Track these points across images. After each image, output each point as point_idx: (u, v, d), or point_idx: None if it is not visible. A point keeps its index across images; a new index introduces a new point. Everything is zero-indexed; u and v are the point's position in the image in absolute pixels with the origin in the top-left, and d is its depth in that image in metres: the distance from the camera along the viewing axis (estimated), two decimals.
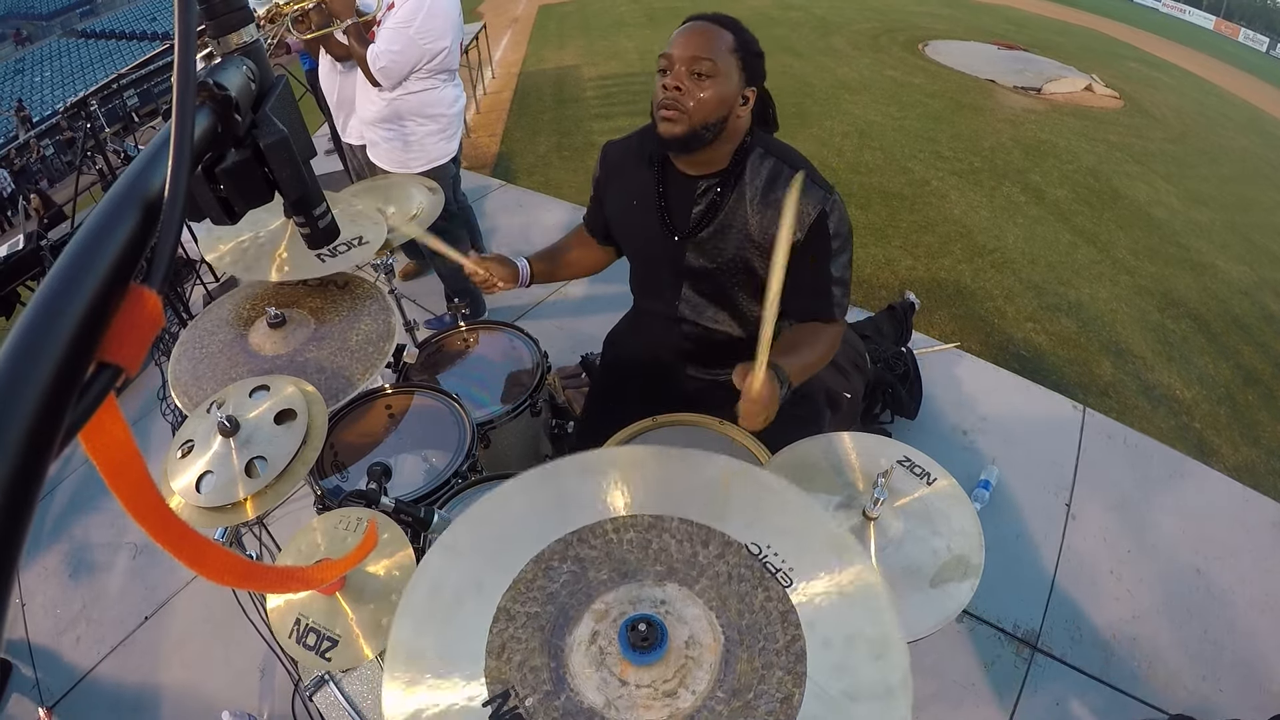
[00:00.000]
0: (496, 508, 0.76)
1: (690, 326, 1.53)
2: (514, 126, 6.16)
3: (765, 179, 1.33)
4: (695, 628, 0.65)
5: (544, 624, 0.66)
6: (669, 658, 0.62)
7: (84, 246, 0.31)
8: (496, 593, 0.68)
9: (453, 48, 2.52)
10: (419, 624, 0.66)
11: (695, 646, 0.63)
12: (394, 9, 2.38)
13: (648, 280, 1.58)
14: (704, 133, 1.26)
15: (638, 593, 0.67)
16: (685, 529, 0.71)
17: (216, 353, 1.51)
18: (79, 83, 22.70)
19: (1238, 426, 3.06)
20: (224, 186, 0.47)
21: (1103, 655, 1.95)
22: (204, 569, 0.42)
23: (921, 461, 1.22)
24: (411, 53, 2.40)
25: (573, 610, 0.67)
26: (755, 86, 1.29)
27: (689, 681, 0.61)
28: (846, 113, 6.53)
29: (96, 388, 0.29)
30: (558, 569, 0.69)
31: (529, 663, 0.63)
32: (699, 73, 1.23)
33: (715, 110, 1.25)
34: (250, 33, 0.53)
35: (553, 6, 12.42)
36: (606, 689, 0.61)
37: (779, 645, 0.63)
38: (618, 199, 1.52)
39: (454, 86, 2.69)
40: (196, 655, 2.08)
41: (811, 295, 1.34)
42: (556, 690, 0.62)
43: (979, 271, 3.93)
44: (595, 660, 0.63)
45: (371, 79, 2.45)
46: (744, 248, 1.36)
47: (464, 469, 1.53)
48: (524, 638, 0.65)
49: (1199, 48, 19.81)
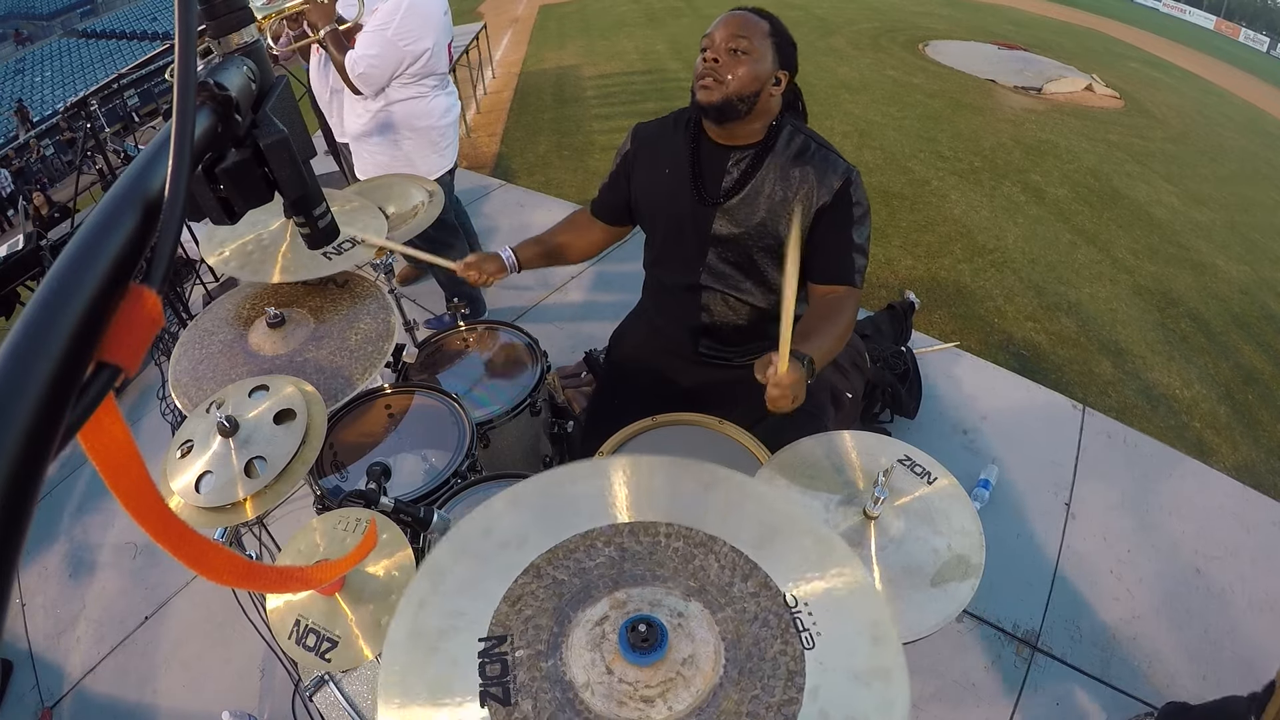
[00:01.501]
0: (575, 478, 0.78)
1: (710, 295, 1.57)
2: (514, 126, 6.16)
3: (795, 151, 1.43)
4: (700, 650, 0.64)
5: (564, 593, 0.67)
6: (660, 666, 0.62)
7: (84, 246, 0.31)
8: (535, 551, 0.70)
9: (436, 50, 2.37)
10: (461, 551, 0.70)
11: (691, 667, 0.63)
12: (376, 12, 2.25)
13: (671, 249, 1.61)
14: (738, 104, 1.37)
15: (661, 598, 0.68)
16: (733, 557, 0.71)
17: (216, 353, 1.51)
18: (79, 83, 22.70)
19: (1238, 426, 3.06)
20: (224, 186, 0.47)
21: (1103, 655, 1.95)
22: (204, 569, 0.42)
23: (922, 461, 1.22)
24: (390, 56, 2.27)
25: (595, 591, 0.68)
26: (788, 71, 1.41)
27: (670, 697, 0.61)
28: (847, 112, 6.53)
29: (96, 387, 0.29)
30: (600, 550, 0.71)
31: (535, 620, 0.65)
32: (736, 49, 1.35)
33: (749, 84, 1.36)
34: (250, 33, 0.53)
35: (553, 6, 12.42)
36: (591, 671, 0.62)
37: (772, 700, 0.62)
38: (648, 170, 1.57)
39: (445, 95, 2.56)
40: (196, 655, 2.08)
41: (836, 256, 1.41)
42: (548, 653, 0.63)
43: (979, 271, 3.93)
44: (594, 642, 0.64)
45: (353, 87, 2.33)
46: (770, 215, 1.44)
47: (464, 469, 1.53)
48: (541, 597, 0.67)
49: (1199, 48, 19.82)
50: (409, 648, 0.63)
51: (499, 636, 0.64)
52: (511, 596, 0.67)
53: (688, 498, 0.77)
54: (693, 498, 0.77)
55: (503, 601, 0.66)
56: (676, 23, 10.61)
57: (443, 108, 2.55)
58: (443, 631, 0.64)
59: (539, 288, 3.45)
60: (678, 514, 0.75)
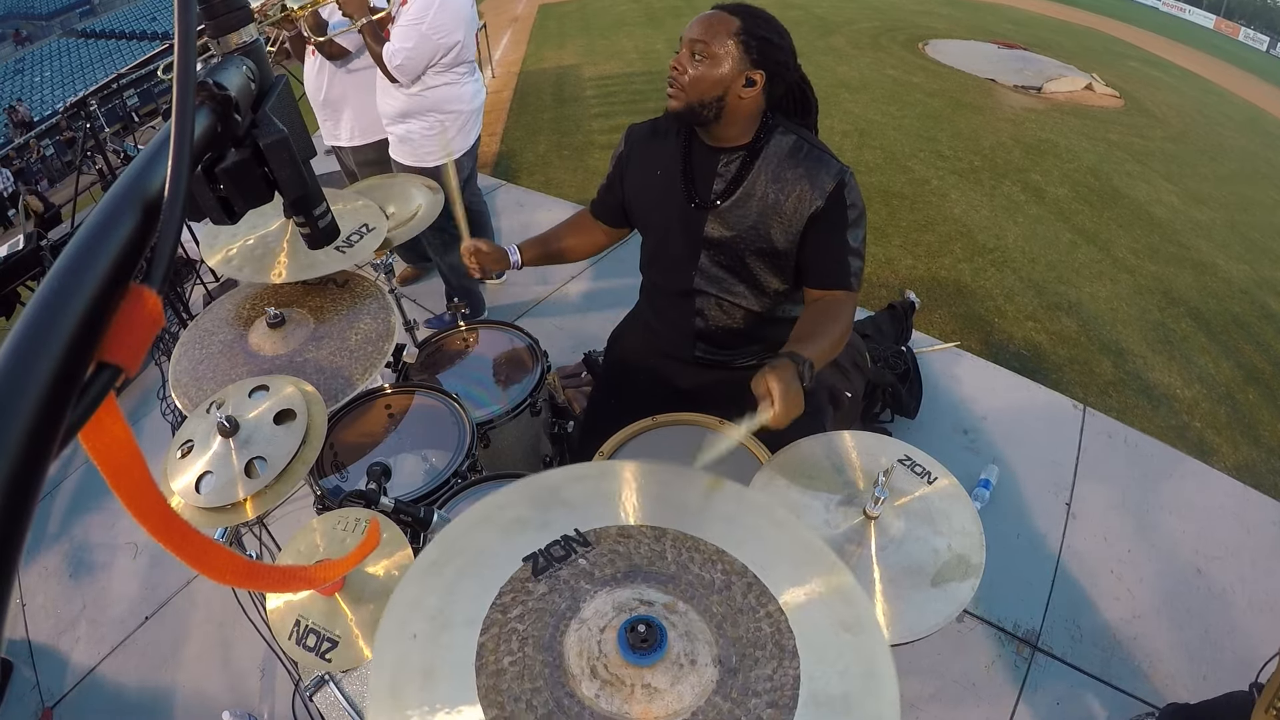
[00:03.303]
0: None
1: (704, 299, 1.55)
2: (514, 126, 6.16)
3: (787, 152, 1.39)
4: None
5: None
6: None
7: (84, 246, 0.31)
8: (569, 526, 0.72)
9: (466, 41, 2.54)
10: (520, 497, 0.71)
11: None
12: (407, 5, 2.39)
13: (664, 253, 1.60)
14: (701, 110, 1.33)
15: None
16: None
17: (217, 353, 1.51)
18: (79, 83, 22.66)
19: (1238, 426, 3.06)
20: (224, 186, 0.47)
21: (1103, 655, 1.95)
22: (206, 568, 0.42)
23: (922, 460, 1.22)
24: (425, 48, 2.42)
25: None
26: (764, 70, 1.33)
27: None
28: (847, 112, 6.53)
29: (96, 387, 0.29)
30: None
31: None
32: (695, 54, 1.31)
33: (709, 89, 1.32)
34: (250, 33, 0.53)
35: (553, 6, 12.42)
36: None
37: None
38: (641, 172, 1.56)
39: (473, 81, 2.71)
40: (196, 655, 2.08)
41: (831, 261, 1.39)
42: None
43: (979, 270, 3.93)
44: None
45: (390, 76, 2.49)
46: (762, 218, 1.41)
47: (464, 469, 1.53)
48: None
49: (1199, 47, 19.81)
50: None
51: (578, 534, 0.69)
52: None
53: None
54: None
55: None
56: (676, 22, 10.59)
57: (471, 92, 2.70)
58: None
59: (539, 287, 3.45)
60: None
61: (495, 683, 0.60)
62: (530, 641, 0.64)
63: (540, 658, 0.63)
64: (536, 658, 0.63)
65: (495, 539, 0.71)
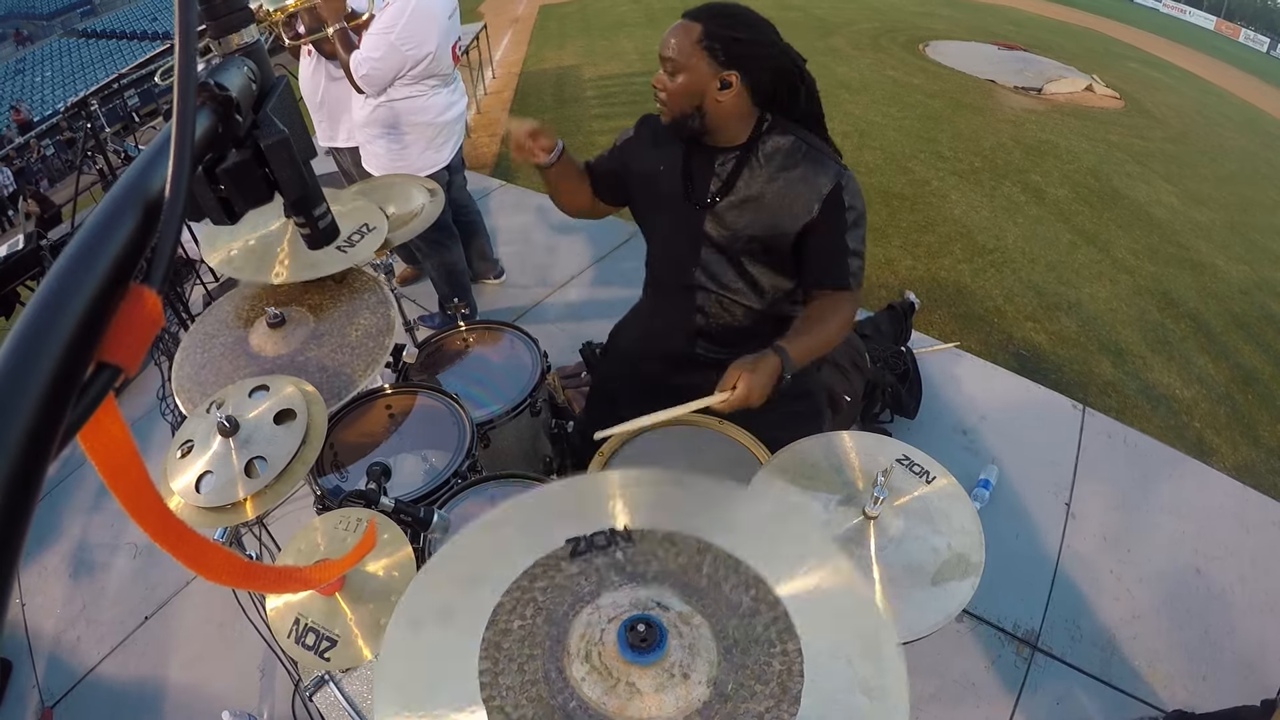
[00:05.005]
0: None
1: (705, 295, 1.56)
2: None
3: (784, 152, 1.40)
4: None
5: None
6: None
7: (84, 246, 0.31)
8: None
9: (439, 53, 2.42)
10: None
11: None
12: (386, 8, 2.30)
13: (666, 249, 1.61)
14: (685, 120, 1.37)
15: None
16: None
17: (218, 356, 1.51)
18: (79, 83, 22.66)
19: (1237, 426, 3.06)
20: (224, 187, 0.47)
21: (1103, 655, 1.95)
22: (203, 569, 0.42)
23: (921, 460, 1.22)
24: (393, 59, 2.31)
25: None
26: (736, 71, 1.31)
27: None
28: (847, 113, 6.53)
29: (95, 388, 0.29)
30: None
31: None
32: (668, 70, 1.35)
33: (687, 100, 1.35)
34: (251, 33, 0.53)
35: (553, 6, 12.41)
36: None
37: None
38: (647, 165, 1.56)
39: (446, 92, 2.59)
40: (196, 655, 2.08)
41: (829, 261, 1.40)
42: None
43: (979, 271, 3.93)
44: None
45: (356, 86, 2.40)
46: (760, 218, 1.42)
47: (464, 469, 1.53)
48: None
49: (1199, 48, 19.82)
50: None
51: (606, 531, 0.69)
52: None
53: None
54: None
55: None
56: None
57: (441, 105, 2.58)
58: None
59: (539, 288, 3.45)
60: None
61: (499, 640, 0.63)
62: (544, 613, 0.65)
63: (547, 629, 0.64)
64: (543, 628, 0.64)
65: (550, 519, 0.73)
